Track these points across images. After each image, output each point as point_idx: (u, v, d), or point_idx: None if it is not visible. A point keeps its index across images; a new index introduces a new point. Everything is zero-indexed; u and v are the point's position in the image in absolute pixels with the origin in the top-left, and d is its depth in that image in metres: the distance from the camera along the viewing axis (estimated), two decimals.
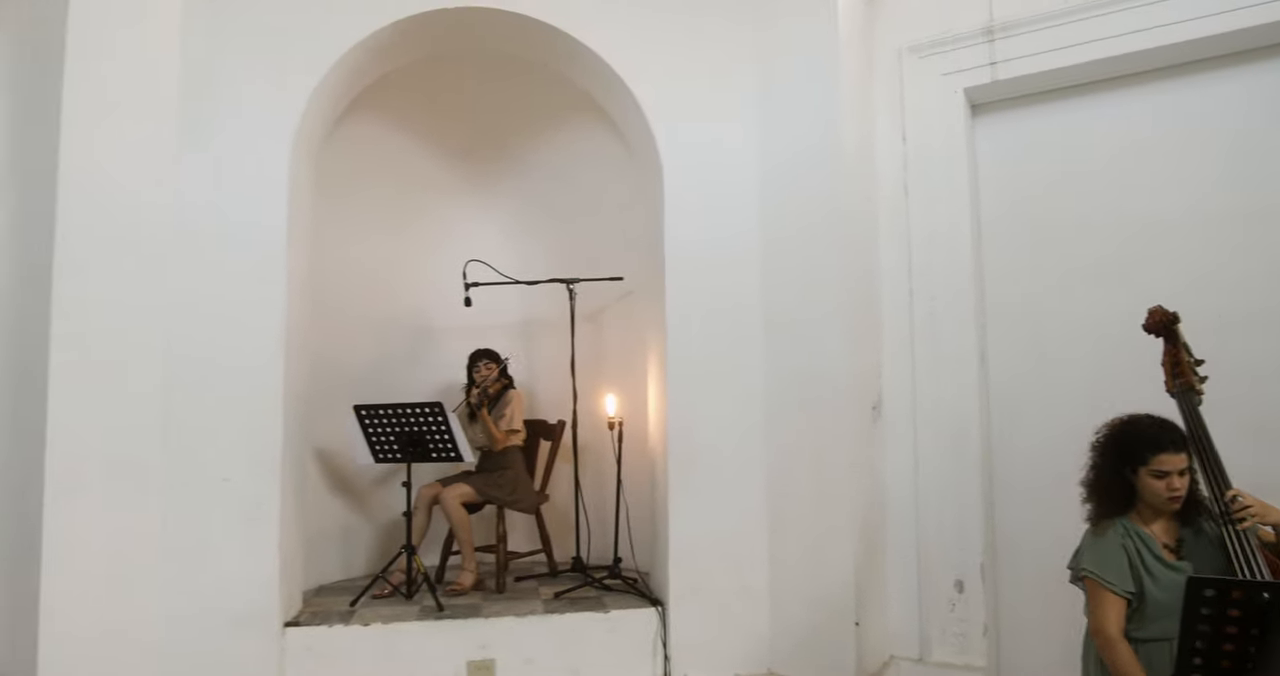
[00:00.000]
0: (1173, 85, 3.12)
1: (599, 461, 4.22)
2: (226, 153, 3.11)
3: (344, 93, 3.51)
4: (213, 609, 2.98)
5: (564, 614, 3.33)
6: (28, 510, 2.68)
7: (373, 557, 4.16)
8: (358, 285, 4.13)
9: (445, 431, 3.50)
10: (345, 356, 4.05)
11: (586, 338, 4.21)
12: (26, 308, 2.82)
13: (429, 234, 4.42)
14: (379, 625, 3.19)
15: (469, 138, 4.46)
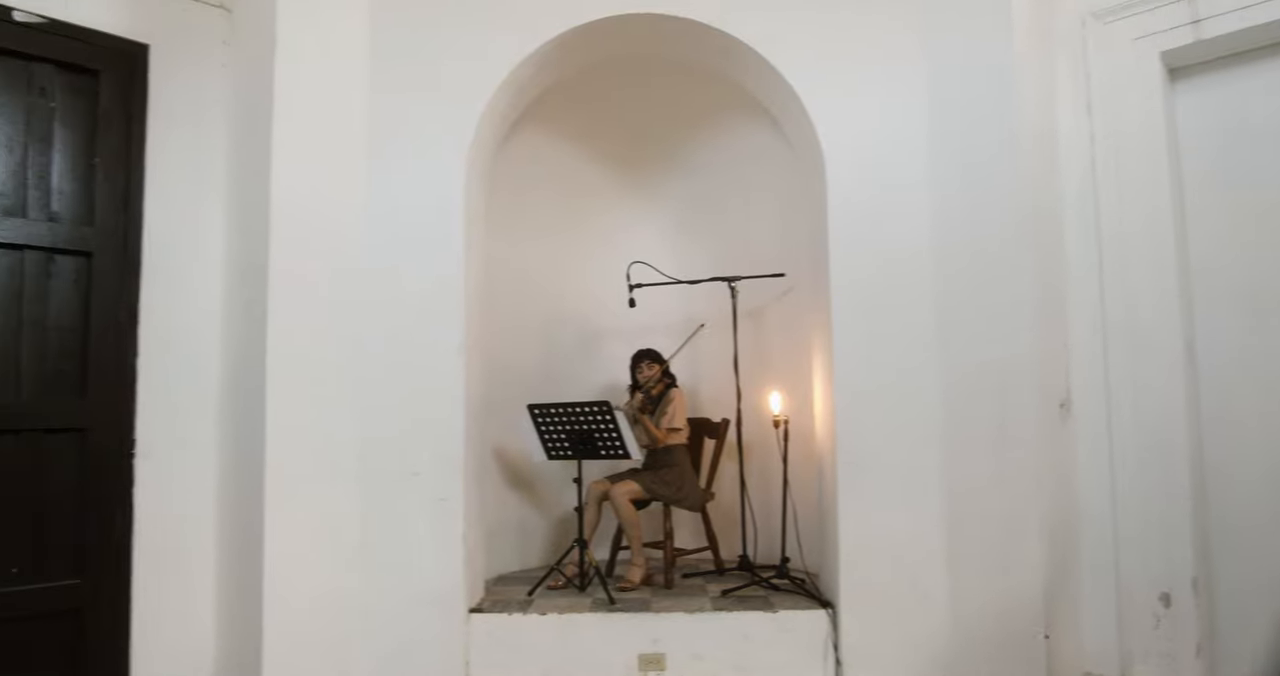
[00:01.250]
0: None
1: (764, 459, 4.18)
2: (407, 172, 3.33)
3: (510, 109, 3.67)
4: (406, 593, 3.21)
5: (732, 611, 3.33)
6: (252, 501, 2.99)
7: (547, 550, 4.34)
8: (526, 290, 4.32)
9: (613, 429, 3.59)
10: (516, 358, 4.24)
11: (749, 335, 4.19)
12: (248, 317, 3.15)
13: (592, 239, 4.55)
14: (555, 615, 3.32)
15: (627, 143, 4.55)
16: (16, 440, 2.83)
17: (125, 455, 3.03)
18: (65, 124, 2.98)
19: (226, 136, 3.31)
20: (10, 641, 2.77)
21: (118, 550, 3.00)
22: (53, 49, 2.94)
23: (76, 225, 2.97)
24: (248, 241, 3.14)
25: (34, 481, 2.85)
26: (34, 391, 2.87)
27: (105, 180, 3.03)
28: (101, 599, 2.95)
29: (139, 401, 3.07)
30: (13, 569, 2.80)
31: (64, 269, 2.95)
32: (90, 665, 2.92)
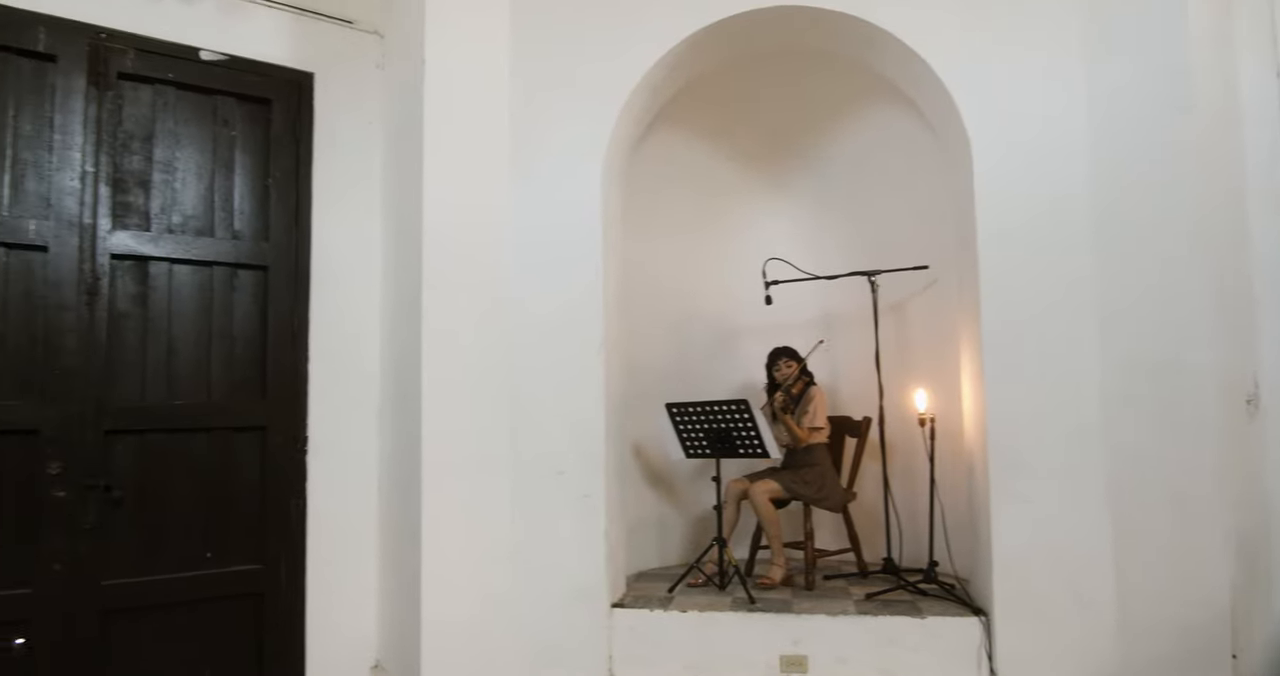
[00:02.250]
0: None
1: (908, 459, 4.04)
2: (547, 178, 3.44)
3: (645, 111, 3.73)
4: (552, 587, 3.32)
5: (877, 615, 3.24)
6: (410, 496, 3.18)
7: (685, 547, 4.37)
8: (661, 289, 4.36)
9: (752, 428, 3.58)
10: (652, 357, 4.29)
11: (890, 330, 4.06)
12: (404, 323, 3.35)
13: (726, 236, 4.54)
14: (695, 613, 3.34)
15: (759, 138, 4.51)
16: (209, 437, 3.13)
17: (299, 451, 3.30)
18: (244, 150, 3.28)
19: (383, 154, 3.54)
20: (204, 619, 3.08)
21: (293, 539, 3.27)
22: (232, 83, 3.24)
23: (255, 242, 3.26)
24: (403, 252, 3.34)
25: (223, 474, 3.16)
26: (222, 393, 3.18)
27: (278, 200, 3.31)
28: (280, 583, 3.23)
29: (310, 402, 3.33)
30: (206, 554, 3.10)
31: (245, 282, 3.24)
32: (271, 644, 3.20)
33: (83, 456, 2.85)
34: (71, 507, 2.83)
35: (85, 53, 2.94)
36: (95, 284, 2.91)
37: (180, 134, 3.15)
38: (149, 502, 3.00)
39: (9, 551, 2.74)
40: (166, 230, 3.09)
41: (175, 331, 3.09)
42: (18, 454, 2.76)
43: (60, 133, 2.89)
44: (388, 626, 3.37)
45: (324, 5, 3.45)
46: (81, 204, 2.91)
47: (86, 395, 2.87)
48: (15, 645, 2.73)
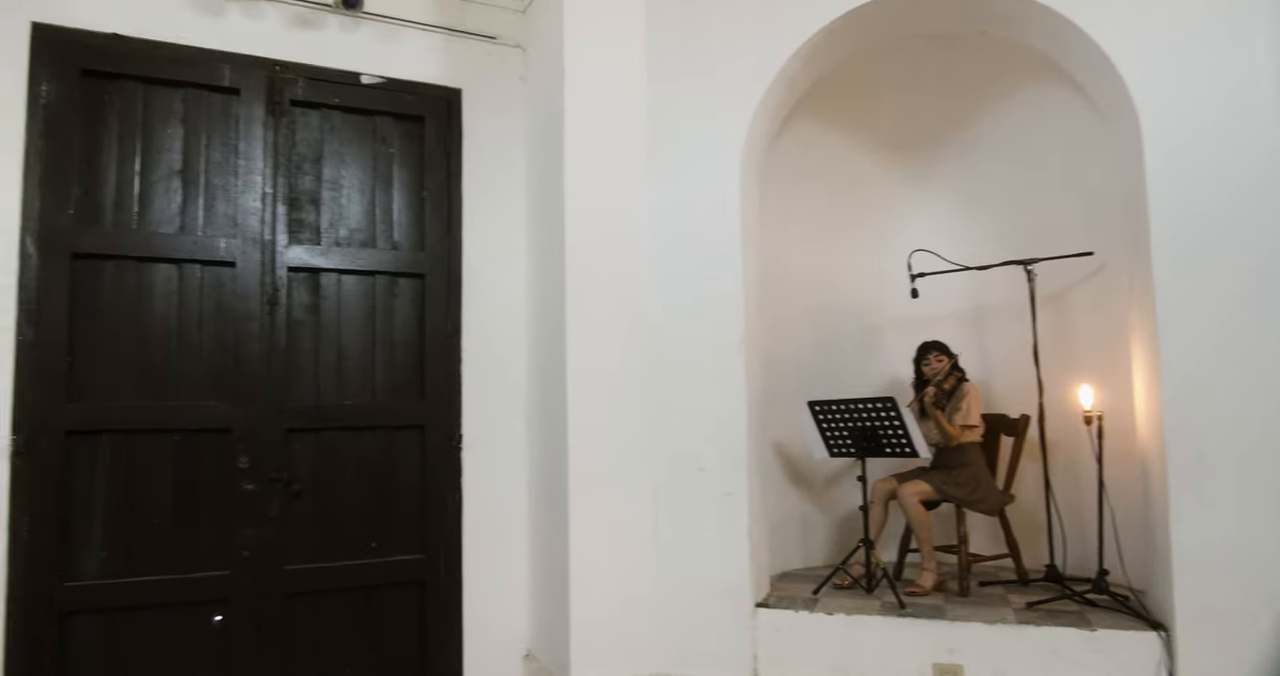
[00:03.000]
0: None
1: (1072, 460, 3.79)
2: (685, 179, 3.46)
3: (781, 106, 3.68)
4: (696, 584, 3.33)
5: (1040, 626, 3.05)
6: (557, 491, 3.29)
7: (830, 548, 4.28)
8: (801, 284, 4.29)
9: (899, 426, 3.46)
10: (791, 353, 4.22)
11: (1049, 322, 3.81)
12: (550, 324, 3.47)
13: (866, 228, 4.41)
14: (841, 616, 3.27)
15: (900, 125, 4.35)
16: (374, 435, 3.37)
17: (454, 448, 3.48)
18: (401, 165, 3.50)
19: (526, 162, 3.69)
20: (372, 603, 3.32)
21: (451, 530, 3.45)
22: (389, 103, 3.47)
23: (413, 251, 3.48)
24: (547, 255, 3.46)
25: (386, 470, 3.38)
26: (385, 394, 3.40)
27: (433, 211, 3.52)
28: (439, 573, 3.42)
29: (464, 402, 3.51)
30: (372, 543, 3.33)
31: (404, 290, 3.46)
32: (432, 630, 3.39)
33: (267, 452, 3.14)
34: (258, 499, 3.11)
35: (263, 84, 3.24)
36: (275, 295, 3.19)
37: (345, 153, 3.40)
38: (323, 495, 3.26)
39: (209, 538, 3.06)
40: (335, 243, 3.34)
41: (344, 337, 3.34)
42: (214, 451, 3.08)
43: (244, 158, 3.19)
44: (538, 617, 3.50)
45: (470, 24, 3.63)
46: (263, 222, 3.20)
47: (269, 396, 3.16)
48: (215, 621, 3.03)
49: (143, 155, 3.07)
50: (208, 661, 3.03)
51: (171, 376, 3.06)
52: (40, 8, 2.92)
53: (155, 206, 3.08)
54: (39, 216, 2.88)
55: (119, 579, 2.94)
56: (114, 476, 2.96)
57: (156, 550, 2.99)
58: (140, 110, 3.08)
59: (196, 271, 3.11)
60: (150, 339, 3.04)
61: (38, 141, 2.89)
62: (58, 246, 2.90)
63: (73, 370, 2.91)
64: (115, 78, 3.04)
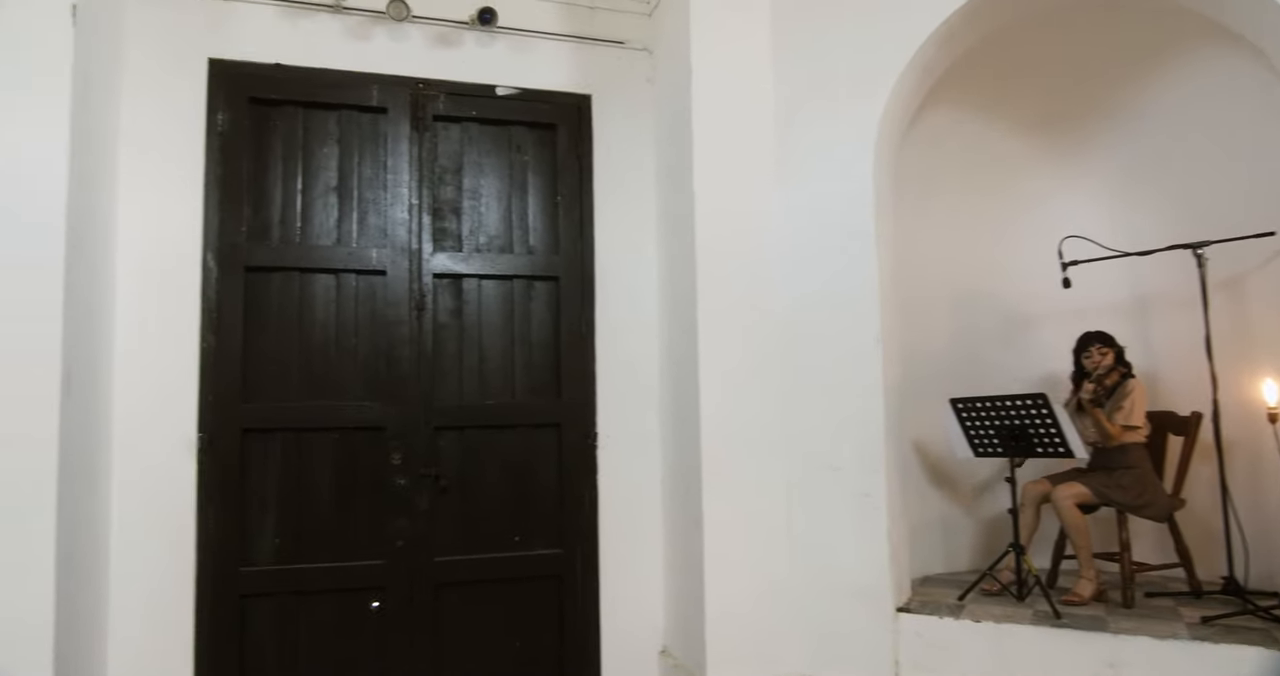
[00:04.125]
0: None
1: (1253, 462, 3.46)
2: (816, 174, 3.40)
3: (914, 92, 3.54)
4: (832, 586, 3.27)
5: (1218, 643, 2.80)
6: (691, 490, 3.32)
7: (975, 553, 4.09)
8: (939, 277, 4.12)
9: (1051, 425, 3.26)
10: (930, 349, 4.06)
11: (1223, 311, 3.49)
12: (680, 324, 3.50)
13: (1009, 215, 4.19)
14: (990, 624, 3.12)
15: (1046, 107, 4.10)
16: (514, 433, 3.50)
17: (589, 445, 3.57)
18: (535, 172, 3.63)
19: (655, 164, 3.73)
20: (514, 595, 3.45)
21: (587, 526, 3.54)
22: (523, 112, 3.60)
23: (547, 255, 3.59)
24: (677, 254, 3.48)
25: (526, 467, 3.51)
26: (523, 393, 3.54)
27: (565, 216, 3.62)
28: (576, 567, 3.51)
29: (598, 400, 3.60)
30: (514, 538, 3.47)
31: (540, 293, 3.58)
32: (570, 623, 3.49)
33: (417, 449, 3.32)
34: (409, 493, 3.31)
35: (408, 102, 3.44)
36: (422, 300, 3.38)
37: (483, 163, 3.56)
38: (468, 490, 3.42)
39: (366, 529, 3.27)
40: (475, 250, 3.50)
41: (484, 339, 3.49)
42: (370, 447, 3.29)
43: (392, 173, 3.40)
44: (673, 613, 3.54)
45: (598, 30, 3.71)
46: (410, 232, 3.39)
47: (418, 396, 3.35)
48: (373, 607, 3.25)
49: (303, 174, 3.33)
50: (366, 643, 3.24)
51: (331, 378, 3.29)
52: (215, 45, 3.22)
53: (315, 221, 3.33)
54: (217, 234, 3.18)
55: (289, 565, 3.19)
56: (284, 470, 3.22)
57: (321, 539, 3.24)
58: (300, 132, 3.34)
59: (352, 280, 3.34)
60: (312, 343, 3.29)
61: (215, 167, 3.19)
62: (233, 261, 3.19)
63: (247, 373, 3.19)
64: (278, 104, 3.31)
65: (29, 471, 2.47)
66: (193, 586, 3.07)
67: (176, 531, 3.06)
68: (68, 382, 2.55)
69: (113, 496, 3.00)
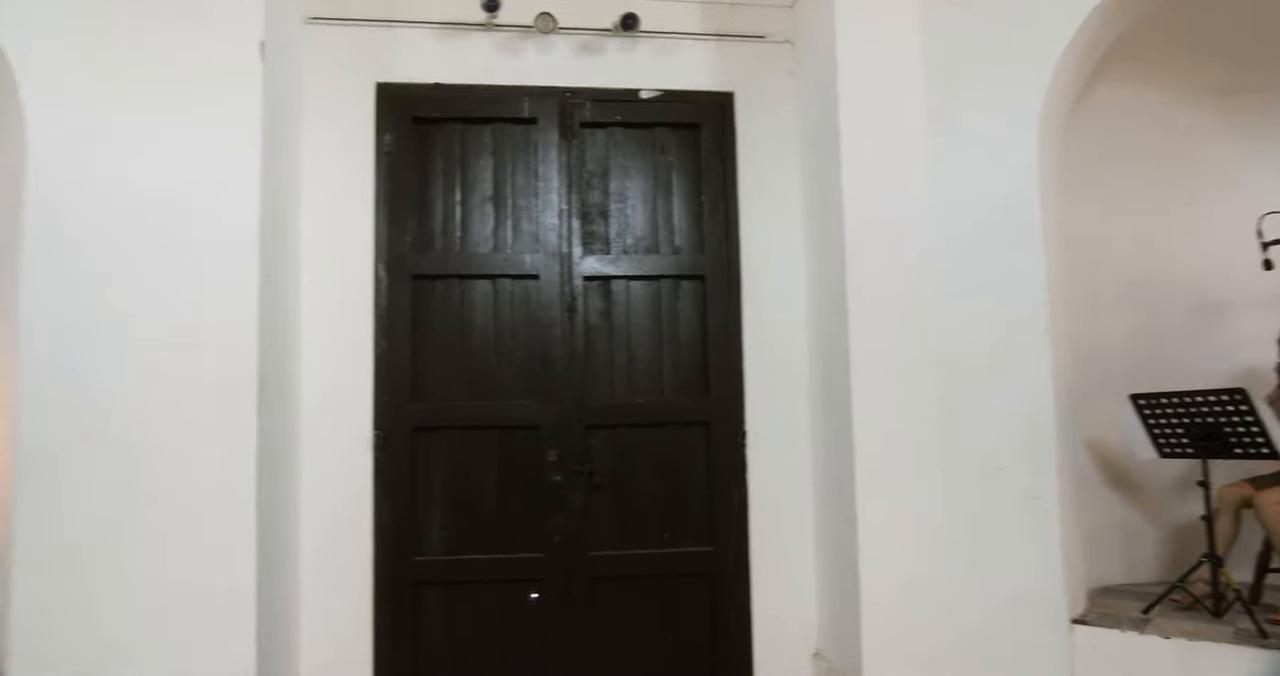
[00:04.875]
0: None
1: None
2: (972, 156, 3.24)
3: (1079, 68, 3.30)
4: (996, 593, 3.10)
5: None
6: (843, 489, 3.24)
7: (1162, 563, 3.77)
8: (1114, 263, 3.81)
9: (1251, 423, 2.95)
10: (1108, 340, 3.77)
11: None
12: (830, 319, 3.43)
13: (1193, 194, 3.82)
14: (1181, 640, 2.86)
15: (1227, 70, 3.70)
16: (663, 431, 3.55)
17: (738, 443, 3.57)
18: (679, 173, 3.66)
19: (800, 157, 3.68)
20: (666, 591, 3.50)
21: (737, 524, 3.54)
22: (667, 114, 3.64)
23: (692, 254, 3.62)
24: (825, 249, 3.42)
25: (675, 464, 3.55)
26: (672, 392, 3.58)
27: (710, 214, 3.63)
28: (727, 565, 3.51)
29: (746, 397, 3.58)
30: (665, 534, 3.52)
31: (686, 292, 3.61)
32: (721, 621, 3.50)
33: (571, 447, 3.44)
34: (564, 489, 3.42)
35: (556, 111, 3.56)
36: (573, 303, 3.49)
37: (628, 167, 3.63)
38: (620, 487, 3.50)
39: (525, 523, 3.42)
40: (622, 252, 3.58)
41: (633, 339, 3.56)
42: (528, 445, 3.44)
43: (542, 180, 3.53)
44: (826, 615, 3.47)
45: (739, 26, 3.69)
46: (560, 237, 3.51)
47: (571, 396, 3.46)
48: (532, 598, 3.39)
49: (462, 186, 3.53)
50: (526, 633, 3.38)
51: (490, 378, 3.46)
52: (380, 70, 3.46)
53: (473, 230, 3.51)
54: (386, 246, 3.41)
55: (455, 556, 3.39)
56: (449, 466, 3.42)
57: (483, 531, 3.41)
58: (458, 147, 3.54)
59: (507, 285, 3.50)
60: (472, 346, 3.47)
61: (383, 183, 3.44)
62: (401, 270, 3.42)
63: (415, 375, 3.41)
64: (438, 121, 3.52)
65: (233, 468, 2.75)
66: (371, 572, 3.31)
67: (356, 521, 3.32)
68: (264, 387, 2.82)
69: (302, 489, 3.29)
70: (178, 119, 2.81)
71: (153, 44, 2.81)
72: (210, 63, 2.85)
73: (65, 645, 2.62)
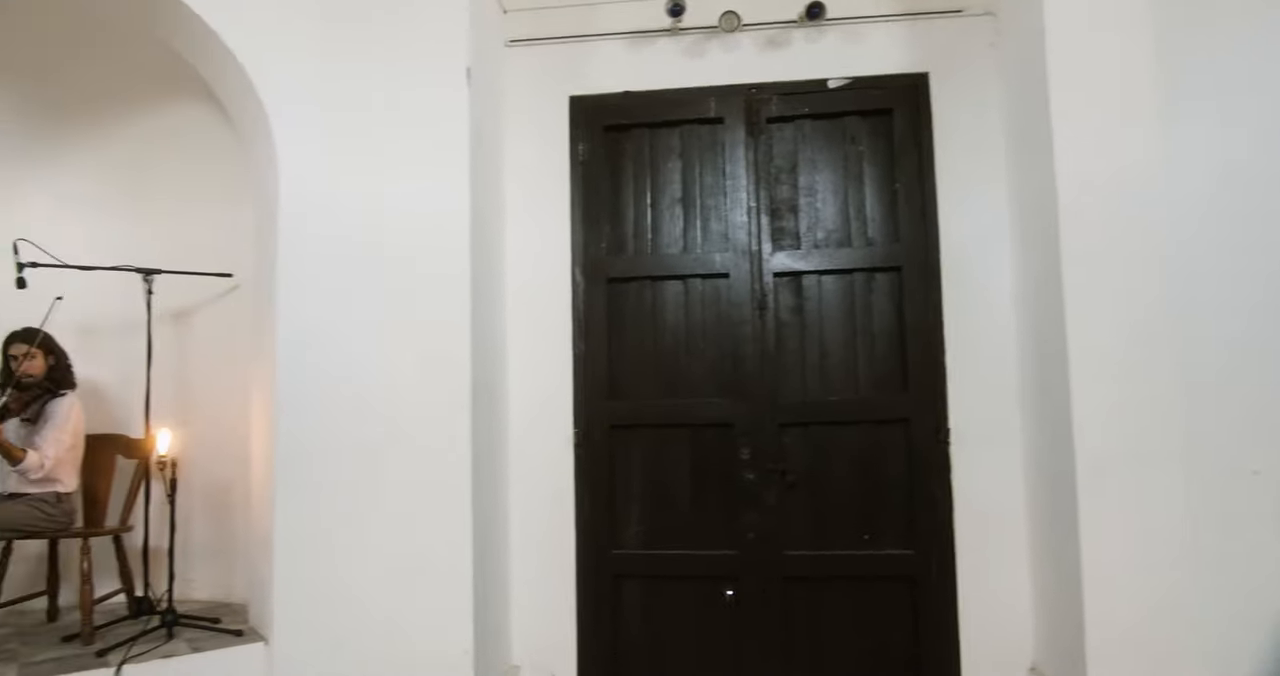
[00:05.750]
0: None
1: None
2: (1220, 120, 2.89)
3: None
4: (1252, 611, 2.76)
5: None
6: (1062, 491, 2.99)
7: None
8: None
9: None
10: None
11: None
12: (1043, 311, 3.18)
13: None
14: None
15: None
16: (858, 429, 3.45)
17: (940, 442, 3.39)
18: (870, 162, 3.53)
19: (1003, 138, 3.42)
20: (863, 595, 3.40)
21: (941, 527, 3.36)
22: (856, 102, 3.52)
23: (887, 245, 3.48)
24: (1035, 232, 3.16)
25: (872, 464, 3.44)
26: (867, 388, 3.46)
27: (905, 203, 3.47)
28: (930, 571, 3.35)
29: (949, 393, 3.40)
30: (864, 536, 3.41)
31: (880, 284, 3.48)
32: (925, 629, 3.34)
33: (763, 445, 3.42)
34: (757, 488, 3.42)
35: (742, 108, 3.55)
36: (763, 300, 3.47)
37: (816, 159, 3.55)
38: (814, 486, 3.44)
39: (718, 520, 3.45)
40: (813, 246, 3.51)
41: (825, 335, 3.49)
42: (720, 442, 3.47)
43: (730, 179, 3.55)
44: (1044, 629, 3.22)
45: (933, 2, 3.49)
46: (749, 234, 3.51)
47: (763, 393, 3.44)
48: (727, 595, 3.42)
49: (651, 190, 3.62)
50: (721, 630, 3.42)
51: (683, 377, 3.53)
52: (572, 83, 3.63)
53: (663, 231, 3.59)
54: (583, 251, 3.58)
55: (652, 550, 3.49)
56: (644, 463, 3.53)
57: (677, 528, 3.48)
58: (647, 151, 3.63)
59: (698, 284, 3.54)
60: (664, 346, 3.55)
61: (578, 191, 3.60)
62: (596, 274, 3.56)
63: (612, 375, 3.54)
64: (628, 128, 3.63)
65: (451, 466, 3.01)
66: (574, 563, 3.49)
67: (560, 514, 3.50)
68: (476, 388, 3.06)
69: (510, 483, 3.53)
70: (397, 146, 3.12)
71: (377, 84, 3.14)
72: (422, 92, 3.13)
73: (319, 617, 2.99)
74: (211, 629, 3.19)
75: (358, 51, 3.13)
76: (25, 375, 3.35)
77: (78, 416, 3.42)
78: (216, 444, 3.81)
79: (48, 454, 3.26)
